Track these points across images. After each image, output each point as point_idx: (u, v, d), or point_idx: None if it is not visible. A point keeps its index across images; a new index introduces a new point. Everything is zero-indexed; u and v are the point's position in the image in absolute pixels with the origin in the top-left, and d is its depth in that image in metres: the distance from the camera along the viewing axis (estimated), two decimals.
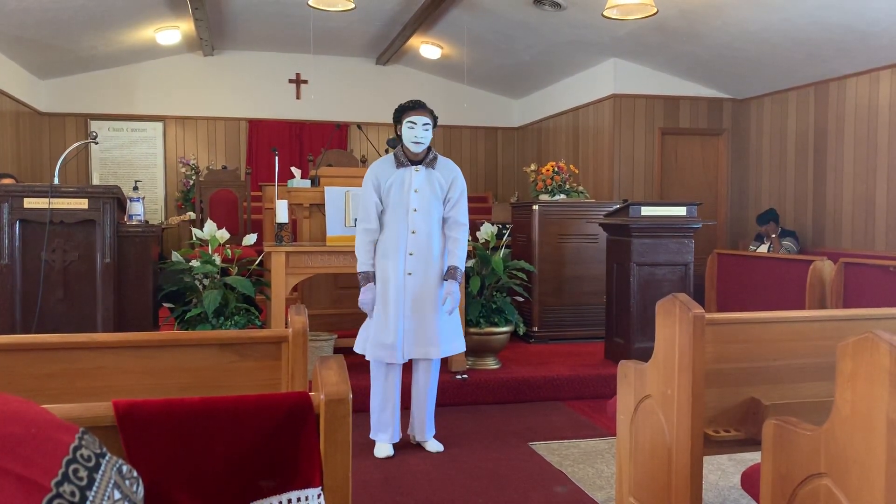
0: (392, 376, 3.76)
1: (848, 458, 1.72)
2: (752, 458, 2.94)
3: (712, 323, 2.51)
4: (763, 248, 7.21)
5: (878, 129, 6.66)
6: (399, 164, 3.70)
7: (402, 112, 3.72)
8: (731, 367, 2.56)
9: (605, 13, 5.72)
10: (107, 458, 1.10)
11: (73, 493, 0.98)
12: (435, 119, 3.76)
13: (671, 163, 8.38)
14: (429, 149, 3.74)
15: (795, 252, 6.96)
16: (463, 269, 3.78)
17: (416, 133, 3.65)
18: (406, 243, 3.68)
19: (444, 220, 3.78)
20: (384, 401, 3.76)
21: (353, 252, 4.62)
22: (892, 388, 1.59)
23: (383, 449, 3.77)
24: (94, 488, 1.03)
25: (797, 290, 5.62)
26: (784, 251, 6.96)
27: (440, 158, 3.79)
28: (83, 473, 1.03)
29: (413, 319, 3.68)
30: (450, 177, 3.76)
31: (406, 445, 3.90)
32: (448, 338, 3.77)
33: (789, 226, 7.45)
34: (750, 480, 2.26)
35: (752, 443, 2.48)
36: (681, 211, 5.17)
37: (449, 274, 3.72)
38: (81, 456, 1.04)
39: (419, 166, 3.71)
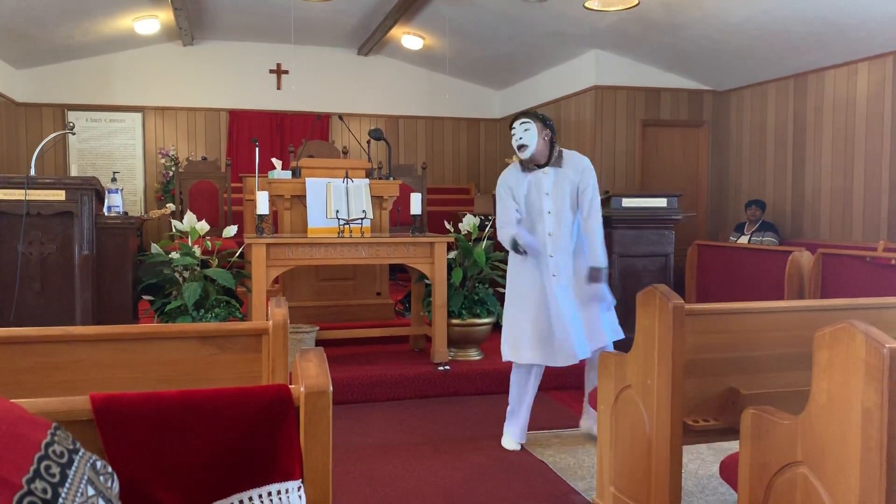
0: (535, 378, 3.83)
1: (824, 447, 1.74)
2: (731, 447, 2.96)
3: (692, 313, 2.53)
4: (744, 240, 7.27)
5: (856, 121, 6.73)
6: (525, 170, 3.66)
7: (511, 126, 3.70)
8: (710, 357, 2.58)
9: (586, 4, 5.73)
10: (80, 453, 1.09)
11: (45, 490, 0.97)
12: (541, 118, 3.64)
13: (652, 154, 8.42)
14: (551, 148, 3.66)
15: (776, 245, 7.02)
16: (604, 265, 3.64)
17: (515, 138, 3.61)
18: (546, 247, 3.63)
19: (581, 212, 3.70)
20: (521, 402, 3.83)
21: (334, 244, 4.63)
22: (868, 377, 1.62)
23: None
24: (67, 485, 1.02)
25: (776, 280, 5.68)
26: (766, 244, 7.02)
27: (566, 154, 3.70)
28: (55, 470, 1.01)
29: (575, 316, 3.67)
30: (579, 169, 3.68)
31: (390, 437, 3.91)
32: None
33: (768, 217, 7.51)
34: (728, 469, 2.28)
35: (731, 432, 2.50)
36: (661, 202, 5.19)
37: (593, 276, 3.62)
38: (54, 452, 1.03)
39: (546, 168, 3.64)
